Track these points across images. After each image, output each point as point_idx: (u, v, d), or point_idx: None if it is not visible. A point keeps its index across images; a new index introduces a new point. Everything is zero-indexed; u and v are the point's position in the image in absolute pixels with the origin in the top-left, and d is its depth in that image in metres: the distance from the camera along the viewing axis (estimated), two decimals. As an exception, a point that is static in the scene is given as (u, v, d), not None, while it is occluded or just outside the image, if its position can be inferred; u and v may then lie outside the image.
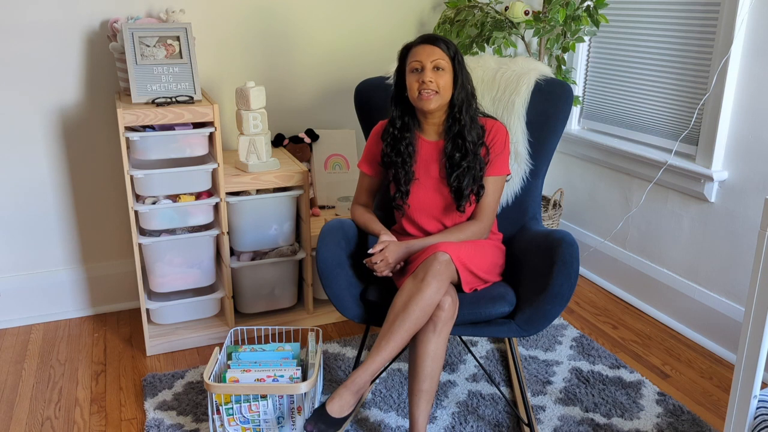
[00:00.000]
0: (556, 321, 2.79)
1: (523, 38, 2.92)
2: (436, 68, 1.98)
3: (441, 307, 1.83)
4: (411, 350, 1.88)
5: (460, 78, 2.02)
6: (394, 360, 1.87)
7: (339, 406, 1.83)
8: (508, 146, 2.12)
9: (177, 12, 2.54)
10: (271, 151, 2.66)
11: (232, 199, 2.51)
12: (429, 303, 1.81)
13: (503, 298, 1.97)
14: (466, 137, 2.02)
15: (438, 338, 1.83)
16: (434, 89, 1.97)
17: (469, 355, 2.53)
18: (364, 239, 2.21)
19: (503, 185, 2.13)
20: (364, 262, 2.04)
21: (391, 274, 2.02)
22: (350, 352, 2.54)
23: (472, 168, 2.03)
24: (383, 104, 2.39)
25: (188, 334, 2.59)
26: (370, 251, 2.00)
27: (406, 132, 2.08)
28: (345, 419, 1.86)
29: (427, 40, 2.01)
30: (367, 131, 2.45)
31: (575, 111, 3.20)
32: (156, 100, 2.33)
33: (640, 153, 2.76)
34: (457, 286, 1.96)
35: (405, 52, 2.04)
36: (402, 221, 2.16)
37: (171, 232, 2.48)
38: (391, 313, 1.84)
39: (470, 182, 2.03)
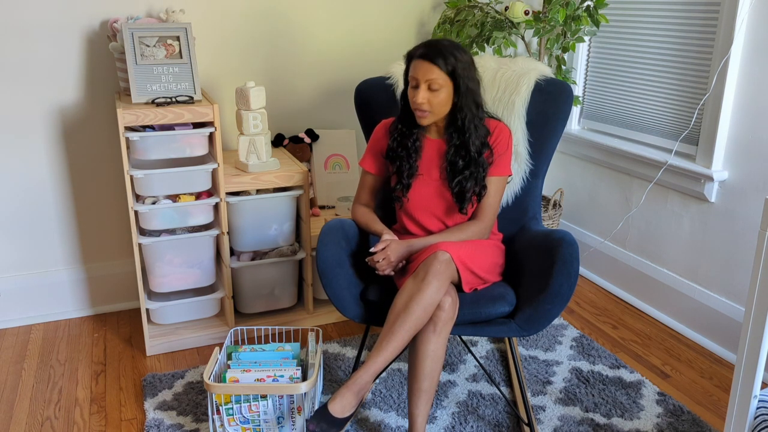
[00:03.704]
0: (556, 321, 2.79)
1: (523, 38, 2.92)
2: (431, 87, 1.94)
3: (441, 307, 1.83)
4: (411, 350, 1.88)
5: (461, 90, 1.96)
6: (394, 360, 1.87)
7: (341, 406, 1.83)
8: (511, 147, 2.11)
9: (177, 12, 2.54)
10: (271, 151, 2.66)
11: (232, 199, 2.51)
12: (430, 302, 1.81)
13: (503, 298, 1.97)
14: (470, 147, 2.01)
15: (438, 338, 1.84)
16: (426, 109, 1.96)
17: (469, 355, 2.53)
18: (364, 239, 2.21)
19: (504, 186, 2.13)
20: (366, 260, 2.04)
21: (393, 273, 2.02)
22: (350, 352, 2.54)
23: (475, 173, 2.03)
24: (383, 104, 2.40)
25: (188, 334, 2.59)
26: (372, 249, 2.00)
27: (414, 128, 2.08)
28: (347, 419, 1.86)
29: (425, 55, 1.93)
30: (367, 131, 2.45)
31: (575, 111, 3.20)
32: (156, 100, 2.33)
33: (640, 153, 2.76)
34: (458, 285, 1.96)
35: (408, 60, 2.01)
36: (403, 219, 2.16)
37: (171, 232, 2.48)
38: (392, 313, 1.84)
39: (473, 185, 2.03)
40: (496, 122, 2.10)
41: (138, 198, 2.43)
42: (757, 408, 1.48)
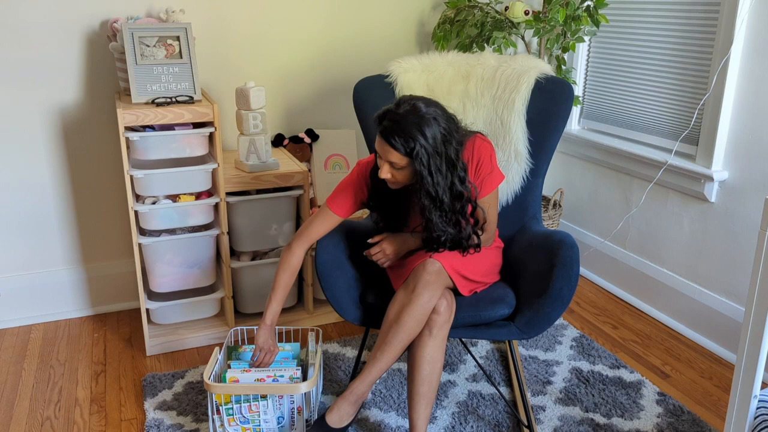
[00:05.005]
0: (556, 321, 2.78)
1: (523, 38, 2.92)
2: (393, 166, 1.80)
3: (436, 310, 1.81)
4: (409, 354, 1.87)
5: (421, 174, 1.76)
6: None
7: (338, 417, 1.85)
8: (495, 158, 1.98)
9: (177, 12, 2.54)
10: (271, 151, 2.66)
11: (232, 199, 2.50)
12: (421, 313, 1.79)
13: (503, 301, 1.96)
14: (439, 222, 1.86)
15: (434, 342, 1.82)
16: (392, 182, 1.85)
17: (469, 355, 2.53)
18: (364, 240, 2.20)
19: (497, 193, 2.04)
20: (364, 254, 2.03)
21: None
22: (350, 352, 2.54)
23: (456, 239, 1.90)
24: (381, 103, 2.38)
25: (188, 334, 2.59)
26: (369, 241, 1.99)
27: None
28: (344, 429, 1.87)
29: (384, 134, 1.75)
30: (366, 130, 2.43)
31: (575, 111, 3.20)
32: (156, 100, 2.33)
33: (640, 153, 2.76)
34: (456, 289, 1.94)
35: (376, 124, 1.81)
36: None
37: (171, 232, 2.48)
38: (385, 324, 1.84)
39: (457, 241, 1.90)
40: (471, 142, 1.93)
41: (138, 198, 2.43)
42: (757, 408, 1.48)
